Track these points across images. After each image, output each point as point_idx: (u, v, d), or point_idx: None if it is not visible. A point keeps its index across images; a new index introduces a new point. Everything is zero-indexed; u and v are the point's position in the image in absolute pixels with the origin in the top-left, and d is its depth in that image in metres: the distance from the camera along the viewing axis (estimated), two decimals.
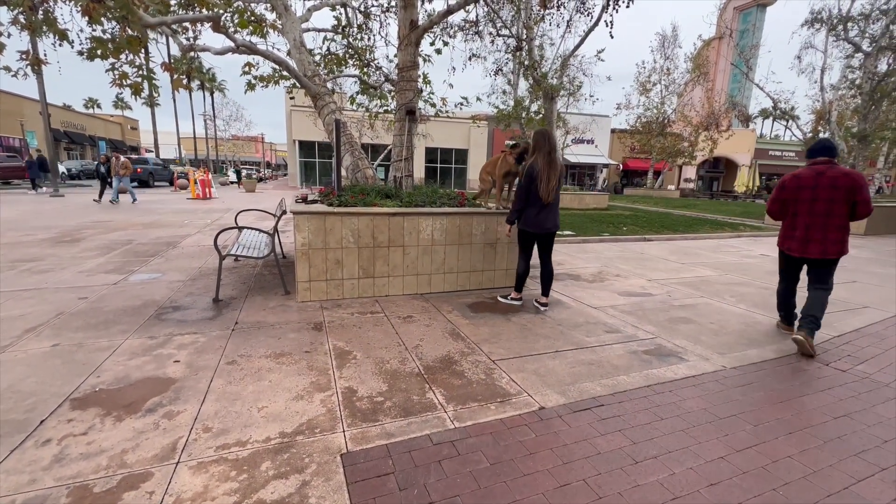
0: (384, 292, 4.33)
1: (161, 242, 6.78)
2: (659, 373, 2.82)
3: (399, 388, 2.51)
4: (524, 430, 2.13)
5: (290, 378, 2.57)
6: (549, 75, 13.54)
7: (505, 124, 16.32)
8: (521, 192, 3.91)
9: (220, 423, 2.09)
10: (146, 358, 2.76)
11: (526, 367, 2.85)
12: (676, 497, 1.71)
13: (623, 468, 1.88)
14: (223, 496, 1.63)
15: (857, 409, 2.45)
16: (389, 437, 2.03)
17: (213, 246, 4.06)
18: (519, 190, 3.96)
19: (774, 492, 1.76)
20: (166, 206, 12.89)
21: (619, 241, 8.73)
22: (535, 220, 3.89)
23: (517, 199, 3.96)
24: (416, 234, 4.35)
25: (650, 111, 28.64)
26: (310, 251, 3.99)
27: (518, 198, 3.95)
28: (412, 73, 5.21)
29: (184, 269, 5.11)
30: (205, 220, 9.71)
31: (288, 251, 6.23)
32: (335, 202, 4.28)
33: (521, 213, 3.96)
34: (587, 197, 17.62)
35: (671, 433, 2.15)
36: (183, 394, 2.35)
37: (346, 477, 1.75)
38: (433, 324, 3.61)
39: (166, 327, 3.29)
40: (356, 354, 2.94)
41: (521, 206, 3.92)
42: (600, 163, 33.81)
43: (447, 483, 1.74)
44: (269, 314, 3.68)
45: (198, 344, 3.00)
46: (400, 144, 5.33)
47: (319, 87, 5.72)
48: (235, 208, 11.18)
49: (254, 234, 5.25)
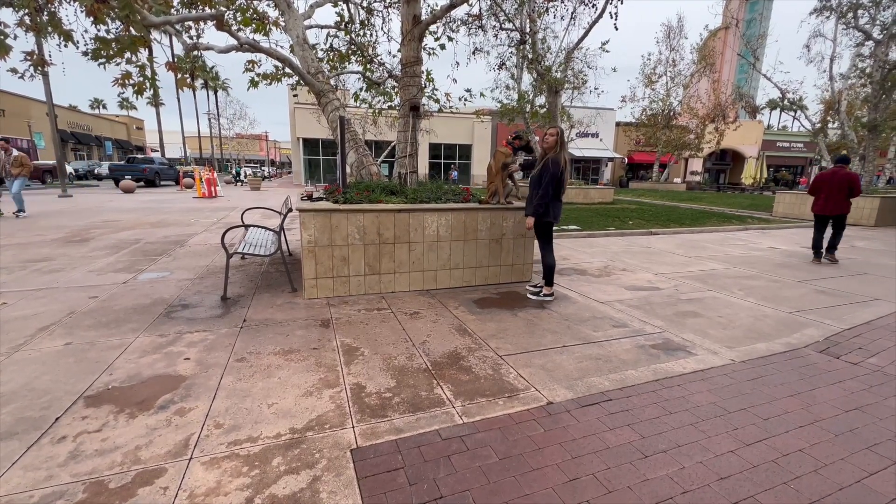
0: (390, 289, 4.34)
1: (169, 241, 6.84)
2: (667, 367, 2.81)
3: (407, 383, 2.52)
4: (532, 425, 2.14)
5: (299, 374, 2.59)
6: (553, 69, 13.43)
7: (509, 119, 16.23)
8: (550, 184, 3.89)
9: (230, 420, 2.11)
10: (157, 356, 2.79)
11: (533, 361, 2.85)
12: (686, 491, 1.71)
13: (632, 462, 1.88)
14: (236, 491, 1.65)
15: (868, 402, 2.43)
16: (399, 432, 2.05)
17: (220, 244, 4.09)
18: (547, 183, 3.90)
19: (785, 485, 1.76)
20: (173, 205, 12.99)
21: (625, 234, 8.68)
22: (558, 212, 4.07)
23: (545, 192, 3.91)
24: (422, 231, 4.35)
25: (656, 103, 28.35)
26: (316, 248, 4.00)
27: (545, 191, 3.91)
28: (416, 68, 5.19)
29: (192, 268, 5.15)
30: (211, 219, 9.77)
31: (294, 249, 6.26)
32: (340, 199, 4.29)
33: (549, 206, 3.99)
34: (592, 191, 17.53)
35: (680, 427, 2.15)
36: (194, 391, 2.37)
37: (357, 472, 1.77)
38: (440, 320, 3.62)
39: (176, 325, 3.33)
40: (364, 351, 2.96)
41: (548, 199, 3.95)
42: (605, 156, 33.57)
43: (457, 478, 1.75)
44: (276, 311, 3.70)
45: (207, 341, 3.03)
46: (404, 140, 5.32)
47: (323, 84, 5.72)
48: (241, 206, 11.24)
49: (260, 231, 5.27)
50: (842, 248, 6.80)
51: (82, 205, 12.40)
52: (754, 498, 1.68)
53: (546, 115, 15.29)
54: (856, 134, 15.44)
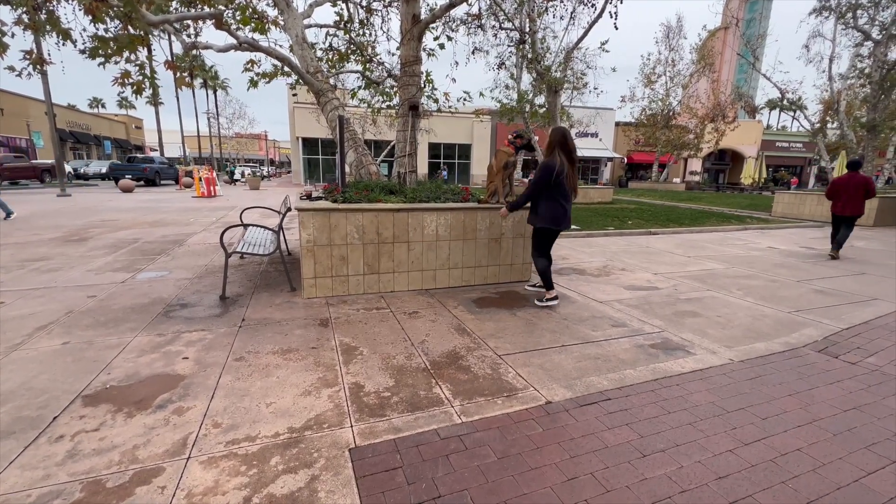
0: (389, 288, 4.34)
1: (167, 241, 6.83)
2: (666, 366, 2.81)
3: (406, 383, 2.52)
4: (531, 425, 2.13)
5: (298, 374, 2.58)
6: (552, 68, 13.43)
7: (508, 118, 16.22)
8: (534, 185, 3.84)
9: (229, 419, 2.11)
10: (155, 355, 2.78)
11: (532, 361, 2.85)
12: (685, 490, 1.71)
13: (630, 462, 1.88)
14: (234, 490, 1.65)
15: (866, 402, 2.43)
16: (397, 431, 2.04)
17: (218, 244, 4.08)
18: (532, 183, 3.88)
19: (783, 485, 1.76)
20: (172, 204, 12.97)
21: (624, 234, 8.69)
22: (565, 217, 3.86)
23: (526, 192, 3.94)
24: (421, 230, 4.34)
25: (655, 103, 28.35)
26: (315, 248, 4.00)
27: (527, 192, 3.93)
28: (415, 67, 5.18)
29: (190, 267, 5.14)
30: (210, 218, 9.76)
31: (293, 248, 6.25)
32: (339, 199, 4.28)
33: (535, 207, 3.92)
34: (592, 191, 17.53)
35: (678, 427, 2.15)
36: (192, 390, 2.37)
37: (355, 471, 1.77)
38: (439, 319, 3.61)
39: (174, 325, 3.32)
40: (362, 350, 2.95)
41: (526, 199, 3.95)
42: (605, 156, 33.57)
43: (455, 477, 1.75)
44: (275, 311, 3.70)
45: (206, 341, 3.02)
46: (403, 140, 5.32)
47: (322, 83, 5.71)
48: (240, 206, 11.22)
49: (259, 231, 5.27)
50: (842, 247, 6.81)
51: (81, 204, 12.38)
52: (753, 497, 1.68)
53: (546, 115, 15.27)
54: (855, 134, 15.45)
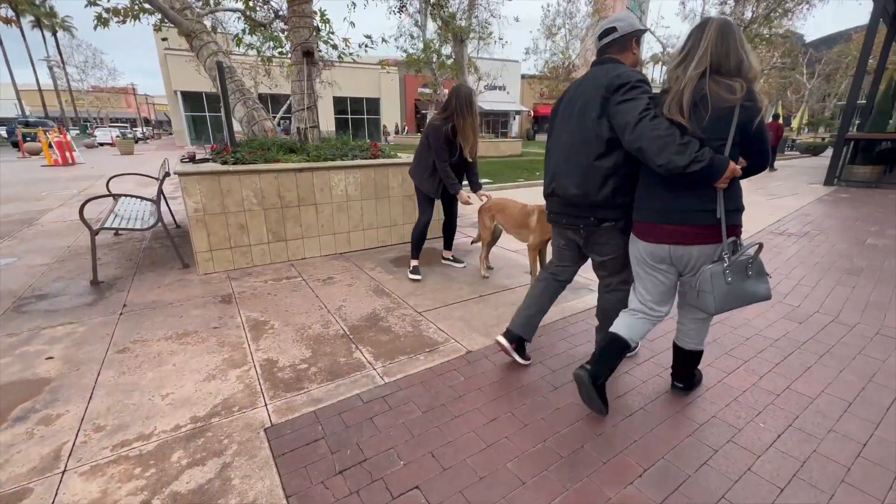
0: (300, 255, 4.06)
1: (11, 221, 5.59)
2: (572, 305, 3.05)
3: (324, 352, 2.41)
4: (453, 375, 2.19)
5: (198, 358, 2.33)
6: (457, 16, 13.01)
7: (416, 70, 15.62)
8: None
9: (114, 420, 1.84)
10: (7, 359, 2.30)
11: (452, 314, 2.90)
12: (589, 414, 1.90)
13: (545, 395, 2.03)
14: (127, 497, 1.45)
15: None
16: (317, 402, 1.96)
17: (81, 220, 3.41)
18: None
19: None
20: (14, 175, 10.58)
21: (533, 185, 9.09)
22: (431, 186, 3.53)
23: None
24: (329, 191, 4.06)
25: (556, 56, 29.27)
26: (206, 217, 3.54)
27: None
28: (305, 6, 4.60)
29: (47, 251, 4.28)
30: (70, 191, 8.18)
31: (182, 220, 5.51)
32: (230, 160, 3.79)
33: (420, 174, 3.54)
34: (502, 144, 17.97)
35: (584, 358, 2.36)
36: (62, 394, 2.01)
37: (273, 451, 1.66)
38: (355, 283, 3.49)
39: (30, 320, 2.76)
40: (273, 324, 2.75)
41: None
42: (512, 109, 34.36)
43: (380, 438, 1.73)
44: (165, 292, 3.26)
45: (76, 335, 2.57)
46: (300, 91, 4.79)
47: (193, 22, 4.85)
48: (108, 174, 9.53)
49: (134, 202, 4.51)
50: None
51: None
52: (644, 409, 1.93)
53: (453, 67, 14.96)
54: None
